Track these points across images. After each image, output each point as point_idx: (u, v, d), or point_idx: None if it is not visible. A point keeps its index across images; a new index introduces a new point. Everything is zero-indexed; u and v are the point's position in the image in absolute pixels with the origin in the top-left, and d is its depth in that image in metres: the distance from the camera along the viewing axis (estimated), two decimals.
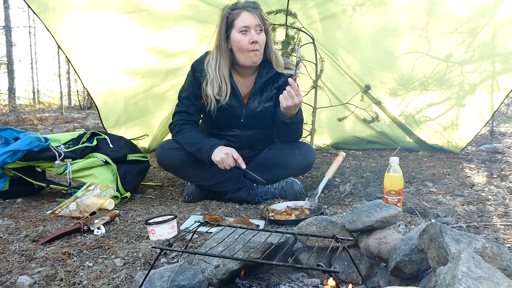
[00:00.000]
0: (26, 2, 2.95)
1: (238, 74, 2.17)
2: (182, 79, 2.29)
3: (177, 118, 2.20)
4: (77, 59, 3.28)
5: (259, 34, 2.04)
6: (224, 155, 1.99)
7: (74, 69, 3.38)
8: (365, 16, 3.28)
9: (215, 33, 2.09)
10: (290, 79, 1.92)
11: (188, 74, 2.22)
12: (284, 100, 1.95)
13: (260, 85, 2.17)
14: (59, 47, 3.27)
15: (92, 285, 1.23)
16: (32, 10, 3.02)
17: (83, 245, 1.57)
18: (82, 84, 3.47)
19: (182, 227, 1.76)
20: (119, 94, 3.55)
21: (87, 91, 3.53)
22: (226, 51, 2.08)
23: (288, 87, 1.93)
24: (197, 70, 2.15)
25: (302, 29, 3.20)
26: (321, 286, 1.21)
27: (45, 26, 3.08)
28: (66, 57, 3.29)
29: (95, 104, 3.57)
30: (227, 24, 2.04)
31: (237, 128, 2.25)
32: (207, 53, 2.18)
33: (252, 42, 2.01)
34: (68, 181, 2.28)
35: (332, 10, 3.32)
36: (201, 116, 2.31)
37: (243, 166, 2.01)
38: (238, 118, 2.20)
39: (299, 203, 2.04)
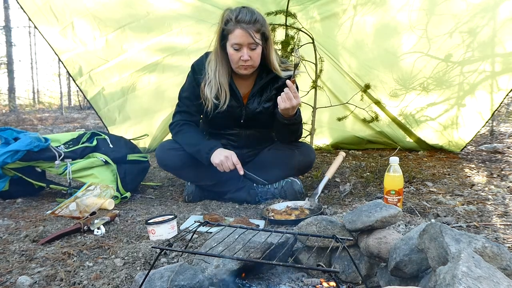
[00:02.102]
0: (19, 2, 2.97)
1: (238, 76, 2.17)
2: (182, 79, 2.29)
3: (178, 118, 2.20)
4: (70, 57, 3.30)
5: (253, 50, 2.02)
6: (223, 158, 2.00)
7: (67, 71, 3.41)
8: (366, 16, 3.28)
9: (215, 38, 2.08)
10: (288, 81, 1.91)
11: (188, 74, 2.22)
12: (282, 102, 1.95)
13: (260, 86, 2.18)
14: (54, 52, 3.30)
15: (92, 285, 1.24)
16: (25, 13, 3.04)
17: (83, 245, 1.57)
18: (78, 86, 3.50)
19: (182, 227, 1.76)
20: (118, 95, 3.55)
21: (83, 94, 3.56)
22: (223, 58, 2.08)
23: (286, 89, 1.92)
24: (197, 71, 2.16)
25: (302, 29, 3.20)
26: (321, 286, 1.21)
27: (39, 32, 3.11)
28: (60, 59, 3.31)
29: (92, 106, 3.59)
30: (222, 35, 2.03)
31: (237, 128, 2.25)
32: (207, 54, 2.19)
33: (242, 59, 2.01)
34: (68, 181, 2.28)
35: (333, 10, 3.32)
36: (201, 116, 2.31)
37: (241, 172, 2.01)
38: (238, 119, 2.21)
39: (299, 203, 2.04)
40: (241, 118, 2.20)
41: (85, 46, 3.29)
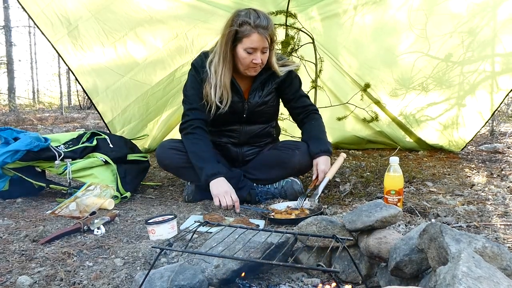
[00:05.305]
0: (20, 3, 2.95)
1: (237, 73, 2.18)
2: (182, 80, 2.29)
3: (190, 117, 2.17)
4: (74, 61, 3.28)
5: (264, 54, 2.06)
6: (222, 192, 1.98)
7: (72, 73, 3.37)
8: (366, 16, 3.28)
9: (221, 41, 2.06)
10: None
11: (189, 73, 2.23)
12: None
13: (260, 81, 2.20)
14: (58, 54, 3.27)
15: (92, 285, 1.23)
16: (28, 14, 3.01)
17: (83, 245, 1.57)
18: (82, 87, 3.47)
19: (182, 227, 1.76)
20: (119, 95, 3.55)
21: (87, 95, 3.52)
22: (230, 60, 2.08)
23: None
24: (198, 68, 2.17)
25: (302, 29, 3.21)
26: (321, 285, 1.21)
27: (42, 32, 3.08)
28: (65, 62, 3.28)
29: (96, 108, 3.56)
30: (234, 37, 2.02)
31: (237, 124, 2.26)
32: (205, 54, 2.20)
33: (254, 62, 2.04)
34: (68, 181, 2.28)
35: (333, 10, 3.32)
36: None
37: (238, 210, 1.99)
38: (241, 113, 2.22)
39: (301, 199, 2.03)
40: (243, 112, 2.22)
41: (94, 54, 3.24)
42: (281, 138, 2.57)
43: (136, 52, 3.36)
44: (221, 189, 1.99)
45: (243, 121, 2.25)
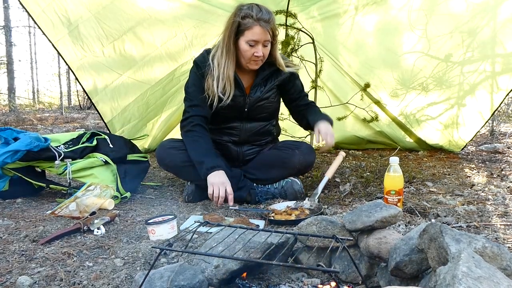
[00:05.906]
0: (21, 3, 2.94)
1: (240, 68, 2.19)
2: (181, 79, 2.29)
3: (190, 114, 2.18)
4: (75, 61, 3.27)
5: (265, 47, 2.07)
6: (219, 182, 1.98)
7: (72, 73, 3.37)
8: (367, 16, 3.28)
9: (224, 35, 2.08)
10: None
11: (191, 70, 2.24)
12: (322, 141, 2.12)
13: (263, 77, 2.21)
14: (59, 54, 3.26)
15: (92, 285, 1.23)
16: (29, 14, 3.01)
17: (83, 245, 1.57)
18: (82, 87, 3.46)
19: (182, 227, 1.76)
20: (118, 94, 3.55)
21: (87, 95, 3.52)
22: (233, 53, 2.10)
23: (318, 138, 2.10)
24: (200, 65, 2.18)
25: (302, 29, 3.21)
26: (321, 286, 1.21)
27: (43, 32, 3.08)
28: (65, 61, 3.27)
29: (96, 108, 3.55)
30: (237, 30, 2.04)
31: (238, 121, 2.26)
32: (207, 50, 2.20)
33: (256, 55, 2.05)
34: (68, 181, 2.28)
35: (333, 10, 3.32)
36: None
37: (231, 203, 2.00)
38: (242, 109, 2.22)
39: (299, 203, 2.03)
40: (244, 107, 2.22)
41: (94, 54, 3.24)
42: (281, 138, 2.57)
43: (135, 51, 3.36)
44: (218, 180, 2.00)
45: (244, 117, 2.26)
